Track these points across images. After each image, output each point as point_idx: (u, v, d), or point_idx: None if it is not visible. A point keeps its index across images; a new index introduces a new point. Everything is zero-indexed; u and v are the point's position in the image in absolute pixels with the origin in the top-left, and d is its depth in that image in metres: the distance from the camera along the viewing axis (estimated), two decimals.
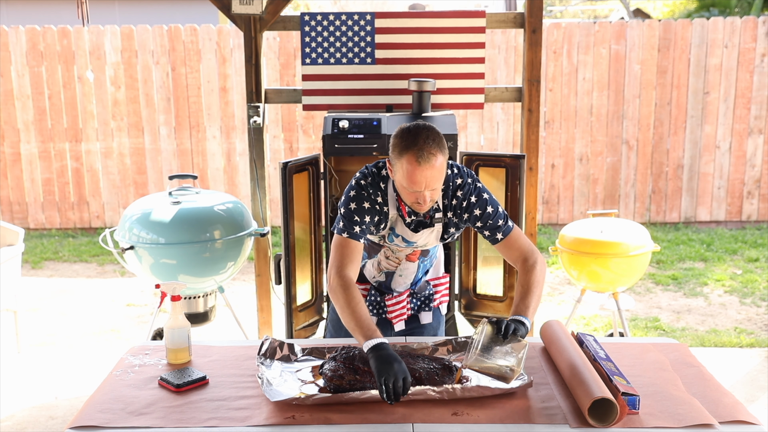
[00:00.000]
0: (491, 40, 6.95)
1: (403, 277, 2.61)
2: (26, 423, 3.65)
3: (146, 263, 3.72)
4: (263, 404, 2.06)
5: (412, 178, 2.20)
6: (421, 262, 2.59)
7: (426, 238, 2.45)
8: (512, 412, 2.00)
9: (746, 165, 7.18)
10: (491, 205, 2.40)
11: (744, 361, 4.31)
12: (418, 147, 2.18)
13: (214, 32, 7.01)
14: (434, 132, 2.24)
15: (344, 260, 2.32)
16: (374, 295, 2.65)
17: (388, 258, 2.55)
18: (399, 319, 2.66)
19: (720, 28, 6.93)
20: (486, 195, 2.40)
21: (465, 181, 2.39)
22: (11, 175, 7.19)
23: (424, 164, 2.18)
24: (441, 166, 2.22)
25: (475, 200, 2.38)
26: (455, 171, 2.40)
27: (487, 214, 2.39)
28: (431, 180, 2.21)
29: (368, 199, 2.36)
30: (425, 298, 2.69)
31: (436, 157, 2.19)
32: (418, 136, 2.20)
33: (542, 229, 7.21)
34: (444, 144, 2.24)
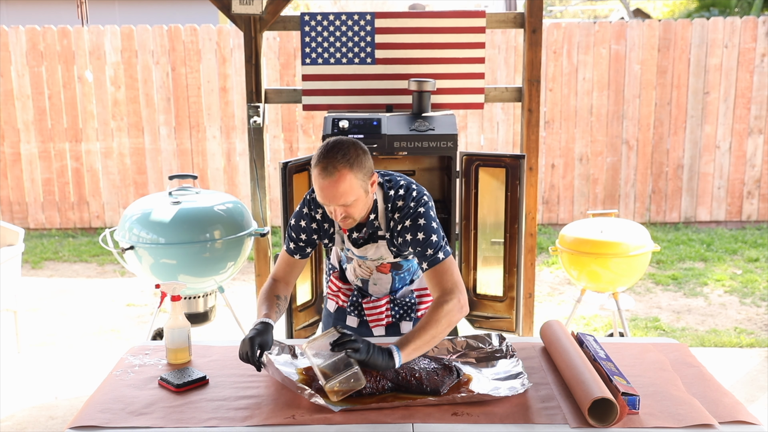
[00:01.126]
0: (491, 40, 6.95)
1: (378, 286, 2.62)
2: (26, 423, 3.65)
3: (146, 263, 3.72)
4: (263, 404, 2.06)
5: (317, 188, 2.19)
6: (395, 274, 2.58)
7: (375, 252, 2.43)
8: (512, 412, 2.00)
9: (746, 165, 7.18)
10: (425, 232, 2.27)
11: (744, 361, 4.31)
12: (327, 160, 2.15)
13: (214, 32, 7.01)
14: (353, 148, 2.18)
15: (277, 271, 2.46)
16: (356, 296, 2.68)
17: (360, 266, 2.58)
18: (377, 324, 2.64)
19: (720, 28, 6.93)
20: (423, 221, 2.28)
21: (406, 204, 2.31)
22: (11, 175, 7.19)
23: (327, 177, 2.15)
24: (348, 183, 2.15)
25: (409, 224, 2.29)
26: (400, 193, 2.32)
27: (417, 241, 2.27)
28: (336, 195, 2.16)
29: (305, 218, 2.40)
30: (407, 306, 2.64)
31: (341, 173, 2.14)
32: (331, 150, 2.16)
33: (542, 229, 7.21)
34: (360, 162, 2.17)
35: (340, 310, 2.72)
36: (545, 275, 6.03)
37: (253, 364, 2.13)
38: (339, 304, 2.71)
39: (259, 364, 2.14)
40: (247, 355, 2.12)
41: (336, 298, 2.71)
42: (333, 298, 2.72)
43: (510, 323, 3.93)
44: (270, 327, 2.22)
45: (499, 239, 3.88)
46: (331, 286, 2.72)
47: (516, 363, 2.24)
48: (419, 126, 3.75)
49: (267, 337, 2.18)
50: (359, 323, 2.68)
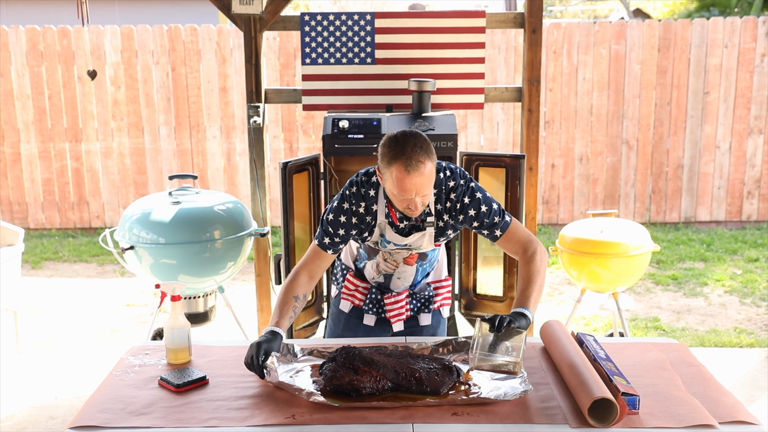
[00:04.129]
0: (491, 40, 6.95)
1: (401, 280, 2.62)
2: (26, 423, 3.65)
3: (146, 263, 3.72)
4: (263, 404, 2.06)
5: (402, 186, 2.22)
6: (420, 266, 2.60)
7: (418, 240, 2.46)
8: (512, 412, 2.00)
9: (746, 165, 7.18)
10: (485, 203, 2.40)
11: (744, 361, 4.31)
12: (406, 156, 2.20)
13: (214, 32, 7.02)
14: (421, 139, 2.25)
15: (306, 263, 2.43)
16: (374, 293, 2.66)
17: (386, 260, 2.56)
18: (397, 319, 2.67)
19: (720, 28, 6.93)
20: (479, 194, 2.40)
21: (457, 183, 2.40)
22: (11, 175, 7.19)
23: (414, 172, 2.20)
24: (430, 172, 2.24)
25: (468, 201, 2.39)
26: (447, 174, 2.41)
27: (482, 213, 2.39)
28: (421, 187, 2.23)
29: (346, 213, 2.40)
30: (425, 299, 2.69)
31: (424, 165, 2.21)
32: (405, 144, 2.22)
33: (542, 229, 7.21)
34: (431, 150, 2.25)
35: (355, 309, 2.70)
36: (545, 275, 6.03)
37: (257, 371, 2.14)
38: (355, 304, 2.69)
39: (263, 372, 2.14)
40: (252, 359, 2.14)
41: (352, 298, 2.69)
42: (348, 297, 2.70)
43: None
44: (279, 336, 2.24)
45: None
46: (348, 285, 2.69)
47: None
48: (419, 126, 3.75)
49: (273, 345, 2.20)
50: (376, 321, 2.68)
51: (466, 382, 2.17)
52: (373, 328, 2.69)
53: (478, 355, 2.14)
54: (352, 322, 2.71)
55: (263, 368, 2.14)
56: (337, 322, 2.74)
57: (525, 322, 2.22)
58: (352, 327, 2.70)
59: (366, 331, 2.69)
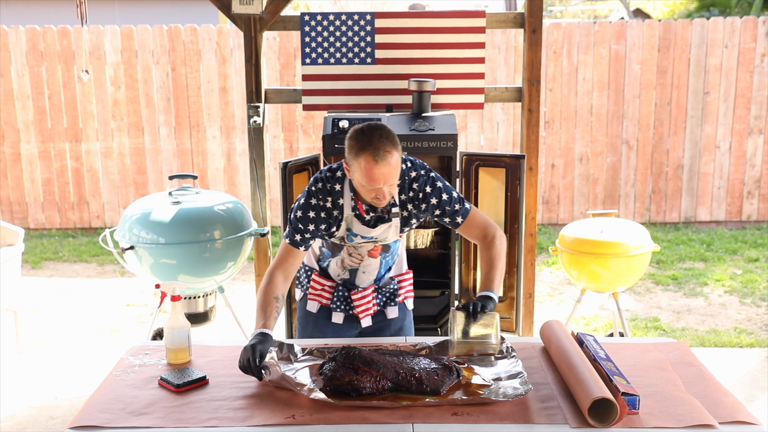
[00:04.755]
0: (491, 40, 6.95)
1: (366, 274, 2.66)
2: (26, 423, 3.65)
3: (146, 263, 3.72)
4: (263, 404, 2.06)
5: (370, 176, 2.29)
6: (383, 258, 2.65)
7: (384, 232, 2.52)
8: (512, 412, 2.00)
9: (746, 165, 7.18)
10: (446, 192, 2.50)
11: (744, 361, 4.31)
12: (373, 146, 2.28)
13: (214, 32, 7.01)
14: (387, 130, 2.34)
15: (279, 262, 2.47)
16: (341, 291, 2.69)
17: (350, 255, 2.60)
18: (365, 314, 2.70)
19: (720, 28, 6.93)
20: (440, 183, 2.51)
21: (419, 174, 2.49)
22: (11, 175, 7.19)
23: (381, 162, 2.28)
24: (397, 162, 2.32)
25: (430, 190, 2.49)
26: (409, 165, 2.50)
27: (443, 201, 2.49)
28: (388, 176, 2.31)
29: (314, 208, 2.45)
30: (390, 293, 2.75)
31: (391, 155, 2.29)
32: (372, 135, 2.30)
33: (542, 229, 7.21)
34: (397, 141, 2.34)
35: (323, 309, 2.72)
36: (545, 275, 6.03)
37: (254, 373, 2.14)
38: (323, 303, 2.71)
39: (261, 373, 2.14)
40: (249, 362, 2.14)
41: (319, 298, 2.71)
42: (315, 298, 2.72)
43: (510, 323, 3.93)
44: (269, 337, 2.25)
45: None
46: (314, 286, 2.71)
47: (516, 363, 2.25)
48: (419, 126, 3.75)
49: (267, 346, 2.21)
50: (344, 318, 2.71)
51: (467, 380, 2.17)
52: (342, 326, 2.71)
53: (457, 343, 2.26)
54: (321, 322, 2.73)
55: (261, 369, 2.14)
56: (305, 324, 2.76)
57: (492, 304, 2.36)
58: (321, 327, 2.73)
59: (335, 330, 2.71)
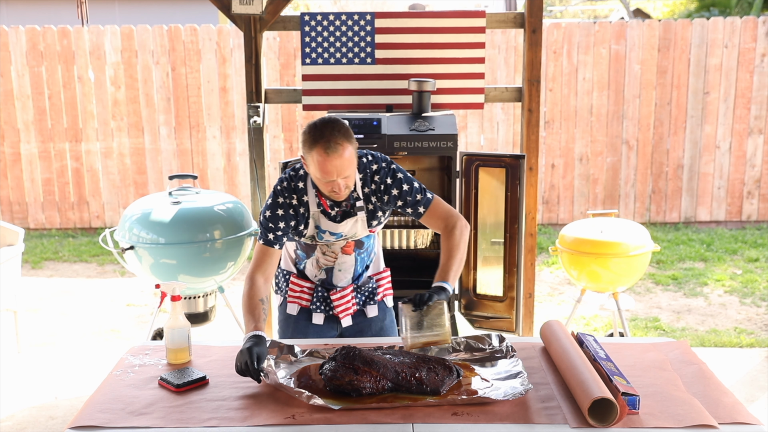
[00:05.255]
0: (491, 40, 6.95)
1: (342, 272, 2.66)
2: (26, 423, 3.65)
3: (146, 263, 3.72)
4: (263, 404, 2.06)
5: (323, 169, 2.33)
6: (358, 254, 2.65)
7: (351, 227, 2.54)
8: (512, 412, 2.00)
9: (746, 165, 7.18)
10: (407, 182, 2.54)
11: (744, 361, 4.31)
12: (325, 139, 2.32)
13: (214, 32, 7.01)
14: (340, 124, 2.37)
15: (256, 265, 2.49)
16: (320, 291, 2.70)
17: (324, 254, 2.61)
18: (345, 314, 2.70)
19: (720, 28, 6.93)
20: (400, 174, 2.54)
21: (380, 166, 2.53)
22: (11, 175, 7.19)
23: (333, 155, 2.31)
24: (350, 155, 2.35)
25: (391, 181, 2.52)
26: (370, 158, 2.54)
27: (404, 192, 2.53)
28: (341, 169, 2.34)
29: (281, 206, 2.49)
30: (369, 292, 2.75)
31: (343, 147, 2.33)
32: (324, 129, 2.34)
33: (542, 229, 7.21)
34: (350, 134, 2.37)
35: (303, 311, 2.72)
36: (545, 275, 6.03)
37: (252, 376, 2.13)
38: (302, 305, 2.71)
39: (259, 375, 2.14)
40: (246, 365, 2.14)
41: (299, 300, 2.71)
42: (295, 300, 2.71)
43: (510, 323, 3.93)
44: (263, 339, 2.25)
45: (499, 239, 3.89)
46: (293, 288, 2.71)
47: (516, 363, 2.24)
48: (419, 126, 3.75)
49: (263, 348, 2.21)
50: (325, 319, 2.71)
51: (468, 380, 2.17)
52: (323, 327, 2.71)
53: (409, 336, 2.27)
54: (301, 324, 2.72)
55: (260, 372, 2.14)
56: (285, 327, 2.76)
57: (445, 294, 2.37)
58: (301, 328, 2.72)
59: (316, 331, 2.71)
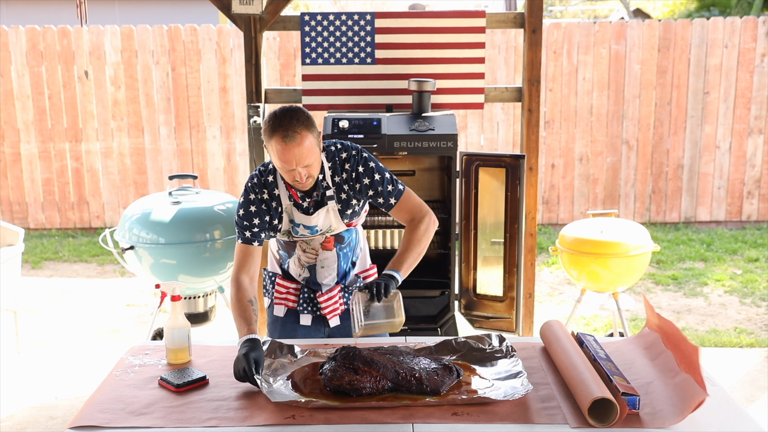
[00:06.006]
0: (491, 40, 6.95)
1: (325, 269, 2.63)
2: (26, 423, 3.65)
3: (146, 263, 3.72)
4: (263, 404, 2.06)
5: (282, 157, 2.33)
6: (339, 249, 2.62)
7: (324, 219, 2.52)
8: (512, 412, 2.00)
9: (746, 165, 7.18)
10: (378, 172, 2.52)
11: (744, 361, 4.31)
12: (283, 128, 2.31)
13: (214, 32, 7.02)
14: (300, 113, 2.35)
15: (239, 266, 2.49)
16: (306, 292, 2.68)
17: (305, 251, 2.60)
18: (333, 315, 2.68)
19: (720, 28, 6.93)
20: (372, 163, 2.52)
21: (350, 154, 2.51)
22: (11, 175, 7.19)
23: (291, 143, 2.30)
24: (310, 144, 2.33)
25: (362, 170, 2.50)
26: (339, 146, 2.53)
27: (376, 182, 2.51)
28: (300, 158, 2.32)
29: (254, 203, 2.49)
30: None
31: (302, 136, 2.31)
32: (283, 118, 2.33)
33: (542, 229, 7.21)
34: (311, 123, 2.35)
35: (290, 312, 2.70)
36: (545, 275, 6.03)
37: (251, 382, 2.12)
38: (289, 306, 2.69)
39: (257, 381, 2.12)
40: (245, 371, 2.13)
41: (285, 301, 2.69)
42: (282, 301, 2.70)
43: (510, 323, 3.93)
44: (258, 342, 2.24)
45: (499, 239, 3.88)
46: (279, 290, 2.70)
47: (516, 363, 2.24)
48: (419, 126, 3.75)
49: (259, 352, 2.20)
50: (313, 320, 2.69)
51: (468, 380, 2.17)
52: (310, 328, 2.69)
53: (362, 324, 2.28)
54: (289, 326, 2.70)
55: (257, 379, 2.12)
56: (273, 329, 2.75)
57: (394, 283, 2.37)
58: (289, 330, 2.70)
59: (304, 332, 2.69)
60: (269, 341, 2.33)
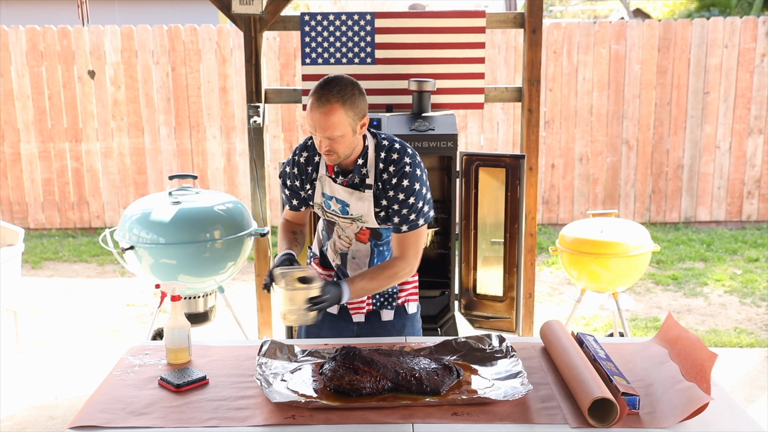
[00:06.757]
0: (491, 40, 6.95)
1: (357, 260, 2.59)
2: (26, 423, 3.65)
3: (146, 263, 3.72)
4: (263, 404, 2.06)
5: (309, 117, 2.31)
6: (374, 245, 2.57)
7: (357, 204, 2.46)
8: (512, 412, 2.00)
9: (746, 165, 7.18)
10: (416, 197, 2.41)
11: (744, 361, 4.31)
12: (321, 91, 2.28)
13: (214, 32, 7.02)
14: (345, 85, 2.30)
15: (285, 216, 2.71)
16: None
17: (339, 237, 2.59)
18: (357, 312, 2.65)
19: (720, 28, 6.93)
20: (417, 185, 2.41)
21: (401, 159, 2.41)
22: (11, 175, 7.19)
23: (319, 108, 2.27)
24: (338, 119, 2.27)
25: (402, 182, 2.40)
26: (397, 146, 2.44)
27: (404, 202, 2.41)
28: (324, 126, 2.27)
29: (290, 163, 2.56)
30: (388, 295, 2.65)
31: (332, 106, 2.26)
32: (328, 83, 2.30)
33: (542, 229, 7.21)
34: (352, 101, 2.29)
35: None
36: (545, 275, 6.03)
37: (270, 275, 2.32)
38: None
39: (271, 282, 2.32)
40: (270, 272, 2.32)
41: None
42: None
43: (510, 323, 3.93)
44: (293, 257, 2.45)
45: (499, 239, 3.88)
46: None
47: (516, 363, 2.24)
48: (419, 126, 3.75)
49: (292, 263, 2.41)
50: (340, 309, 2.66)
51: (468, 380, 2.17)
52: (338, 319, 2.66)
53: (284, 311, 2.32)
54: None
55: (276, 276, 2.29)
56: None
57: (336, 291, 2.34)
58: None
59: (330, 321, 2.66)
60: (269, 341, 2.33)
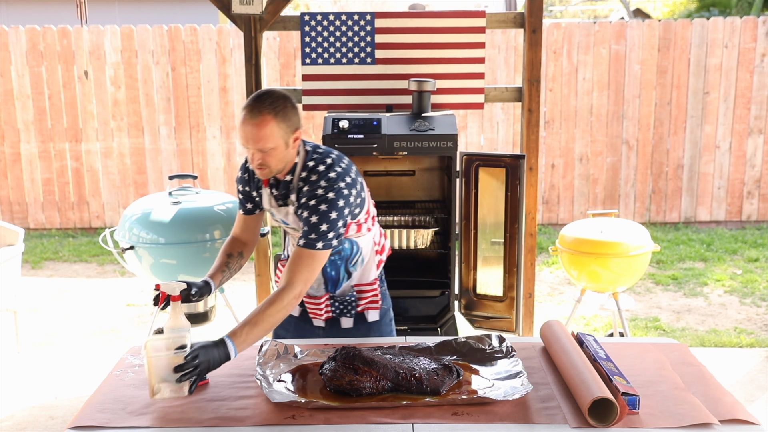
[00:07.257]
0: (491, 40, 6.95)
1: None
2: (26, 423, 3.65)
3: (146, 263, 3.72)
4: (263, 404, 2.06)
5: (241, 129, 2.28)
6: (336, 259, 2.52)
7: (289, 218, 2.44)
8: (512, 412, 2.00)
9: (746, 165, 7.18)
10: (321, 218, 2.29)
11: (744, 361, 4.31)
12: (253, 103, 2.26)
13: (214, 32, 7.02)
14: (280, 98, 2.28)
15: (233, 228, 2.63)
16: None
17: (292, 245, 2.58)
18: (315, 317, 2.65)
19: (720, 28, 6.93)
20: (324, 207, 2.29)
21: (317, 182, 2.32)
22: (11, 175, 7.19)
23: (251, 119, 2.25)
24: (270, 131, 2.24)
25: (310, 203, 2.31)
26: (320, 168, 2.34)
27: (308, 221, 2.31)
28: (257, 137, 2.24)
29: (242, 169, 2.55)
30: (347, 302, 2.61)
31: (263, 118, 2.23)
32: (261, 96, 2.28)
33: (542, 229, 7.21)
34: (285, 113, 2.26)
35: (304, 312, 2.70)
36: (545, 275, 6.03)
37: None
38: None
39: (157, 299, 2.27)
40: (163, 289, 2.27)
41: None
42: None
43: (510, 323, 3.93)
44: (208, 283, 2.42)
45: (499, 239, 3.88)
46: (278, 274, 2.74)
47: (516, 363, 2.24)
48: (419, 126, 3.75)
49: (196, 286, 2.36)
50: (301, 312, 2.67)
51: (468, 380, 2.17)
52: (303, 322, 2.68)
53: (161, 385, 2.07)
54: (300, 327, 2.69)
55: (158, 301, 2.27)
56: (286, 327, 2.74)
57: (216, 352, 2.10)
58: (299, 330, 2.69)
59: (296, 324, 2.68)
60: (269, 341, 2.33)
